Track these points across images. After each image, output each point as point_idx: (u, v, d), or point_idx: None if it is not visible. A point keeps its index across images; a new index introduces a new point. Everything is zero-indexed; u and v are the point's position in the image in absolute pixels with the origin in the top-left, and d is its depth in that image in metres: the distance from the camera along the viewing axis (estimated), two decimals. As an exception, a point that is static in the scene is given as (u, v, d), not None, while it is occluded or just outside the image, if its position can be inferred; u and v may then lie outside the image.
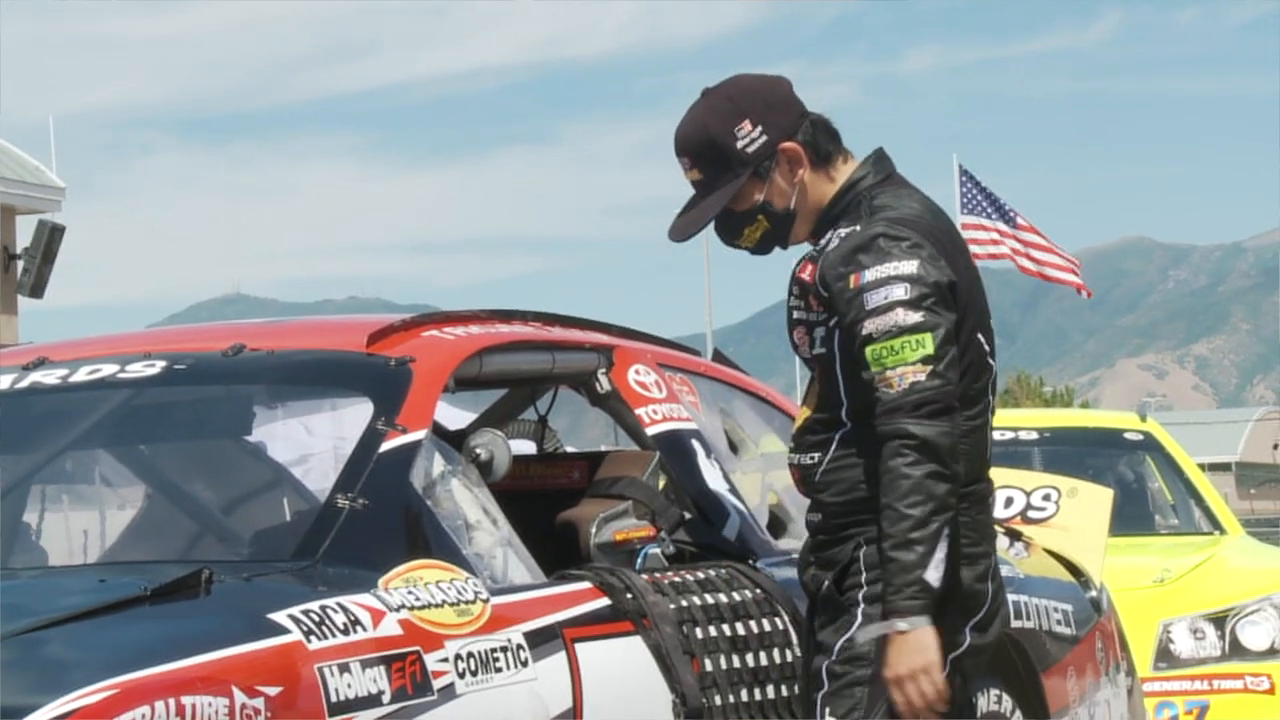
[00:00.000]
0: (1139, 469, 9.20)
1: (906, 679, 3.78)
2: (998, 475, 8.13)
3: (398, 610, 3.71)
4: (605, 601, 4.17)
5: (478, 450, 4.35)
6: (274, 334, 4.58)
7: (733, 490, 4.79)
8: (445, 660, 3.72)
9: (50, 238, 22.49)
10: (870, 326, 3.79)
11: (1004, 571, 5.46)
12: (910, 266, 3.80)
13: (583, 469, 4.88)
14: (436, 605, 3.78)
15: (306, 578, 3.75)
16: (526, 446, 5.22)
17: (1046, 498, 7.80)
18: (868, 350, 3.79)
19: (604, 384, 4.80)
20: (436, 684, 3.68)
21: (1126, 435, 9.00)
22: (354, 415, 4.18)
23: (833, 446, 3.94)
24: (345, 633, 3.57)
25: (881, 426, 3.79)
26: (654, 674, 4.15)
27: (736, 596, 4.41)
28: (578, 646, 4.02)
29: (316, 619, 3.55)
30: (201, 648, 3.36)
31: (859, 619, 3.88)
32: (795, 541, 5.01)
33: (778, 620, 4.45)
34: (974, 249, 33.30)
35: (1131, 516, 8.29)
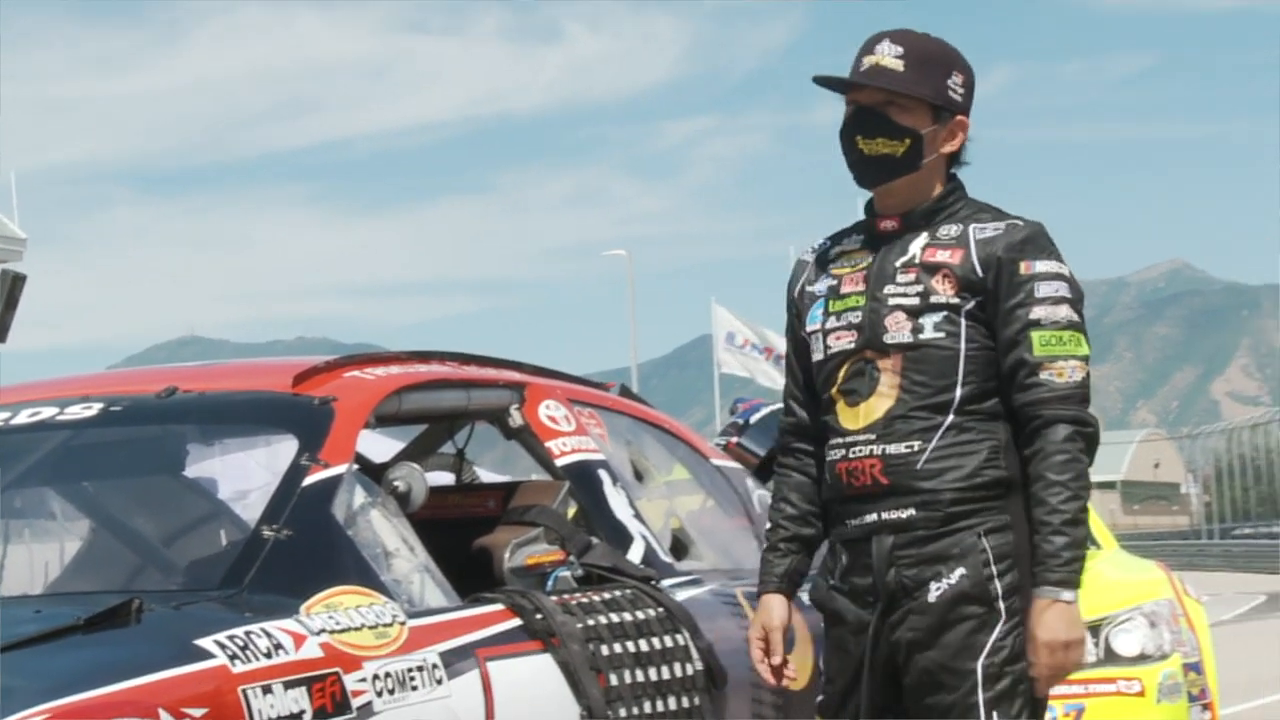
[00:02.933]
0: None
1: (1066, 646, 3.59)
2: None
3: (319, 634, 3.69)
4: (516, 622, 4.16)
5: (396, 482, 4.35)
6: (205, 376, 4.56)
7: (637, 516, 4.80)
8: (364, 680, 3.70)
9: (13, 286, 22.28)
10: (1040, 312, 3.63)
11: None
12: (1069, 271, 3.71)
13: (497, 498, 4.88)
14: (356, 628, 3.77)
15: (233, 605, 3.72)
16: (445, 478, 5.22)
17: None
18: (1035, 334, 3.62)
19: (517, 419, 4.81)
20: (356, 703, 3.65)
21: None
22: (280, 451, 4.16)
23: (938, 434, 3.65)
24: (268, 656, 3.55)
25: (1050, 410, 3.61)
26: (562, 689, 4.15)
27: (640, 615, 4.42)
28: (490, 665, 4.01)
29: (241, 644, 3.53)
30: (131, 673, 3.33)
31: (1003, 615, 3.63)
32: (696, 563, 5.03)
33: (679, 637, 4.46)
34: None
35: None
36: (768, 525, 3.93)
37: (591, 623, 4.28)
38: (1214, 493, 53.99)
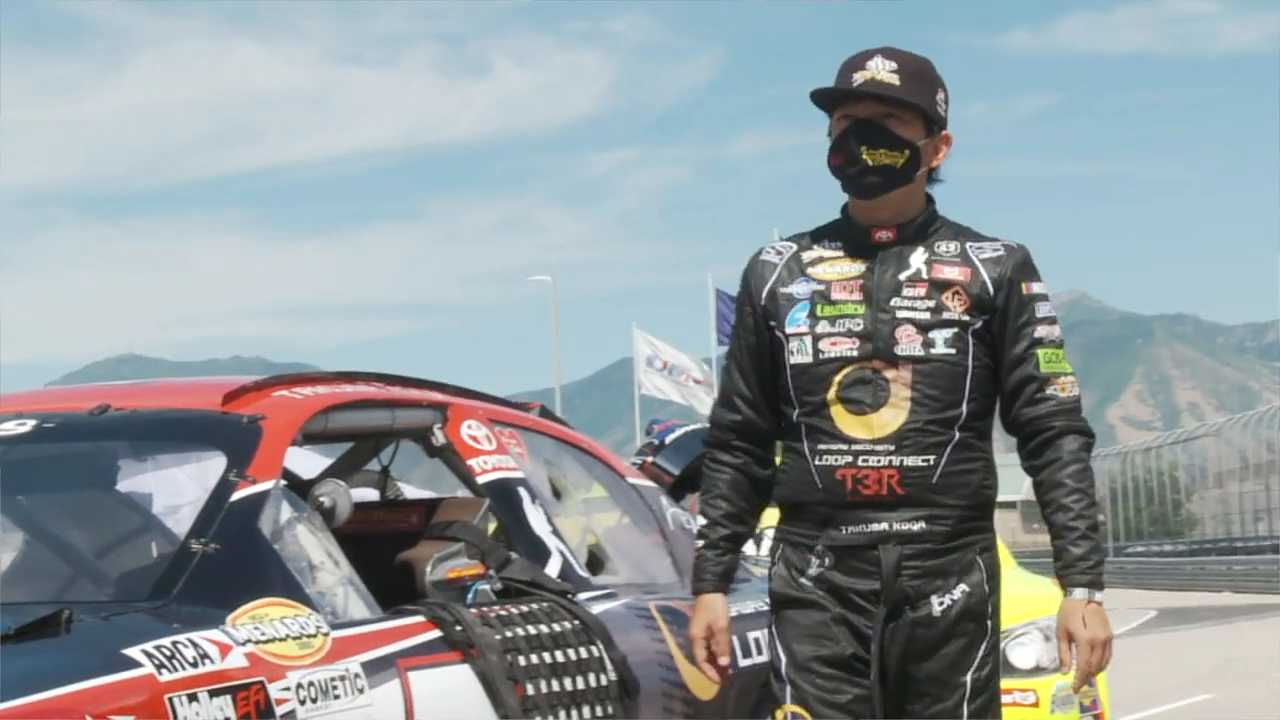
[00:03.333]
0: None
1: (1106, 644, 3.60)
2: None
3: (244, 644, 3.66)
4: (437, 633, 4.15)
5: (322, 498, 4.33)
6: (138, 395, 4.53)
7: (555, 532, 4.80)
8: (288, 689, 3.67)
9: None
10: (1043, 331, 3.65)
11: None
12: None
13: (420, 514, 4.87)
14: (280, 639, 3.74)
15: (161, 615, 3.69)
16: (370, 494, 5.20)
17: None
18: (1040, 352, 3.64)
19: (439, 438, 4.81)
20: (279, 710, 3.63)
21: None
22: (209, 467, 4.13)
23: (949, 448, 3.60)
24: (194, 665, 3.52)
25: (1061, 422, 3.63)
26: (480, 698, 4.13)
27: (557, 627, 4.42)
28: (410, 675, 3.99)
29: (168, 653, 3.50)
30: (59, 681, 3.29)
31: (988, 632, 3.65)
32: (611, 578, 5.03)
33: (593, 649, 4.46)
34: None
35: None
36: (702, 521, 3.82)
37: (509, 634, 4.27)
38: (1109, 513, 54.43)
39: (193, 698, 3.47)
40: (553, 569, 4.66)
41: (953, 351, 3.61)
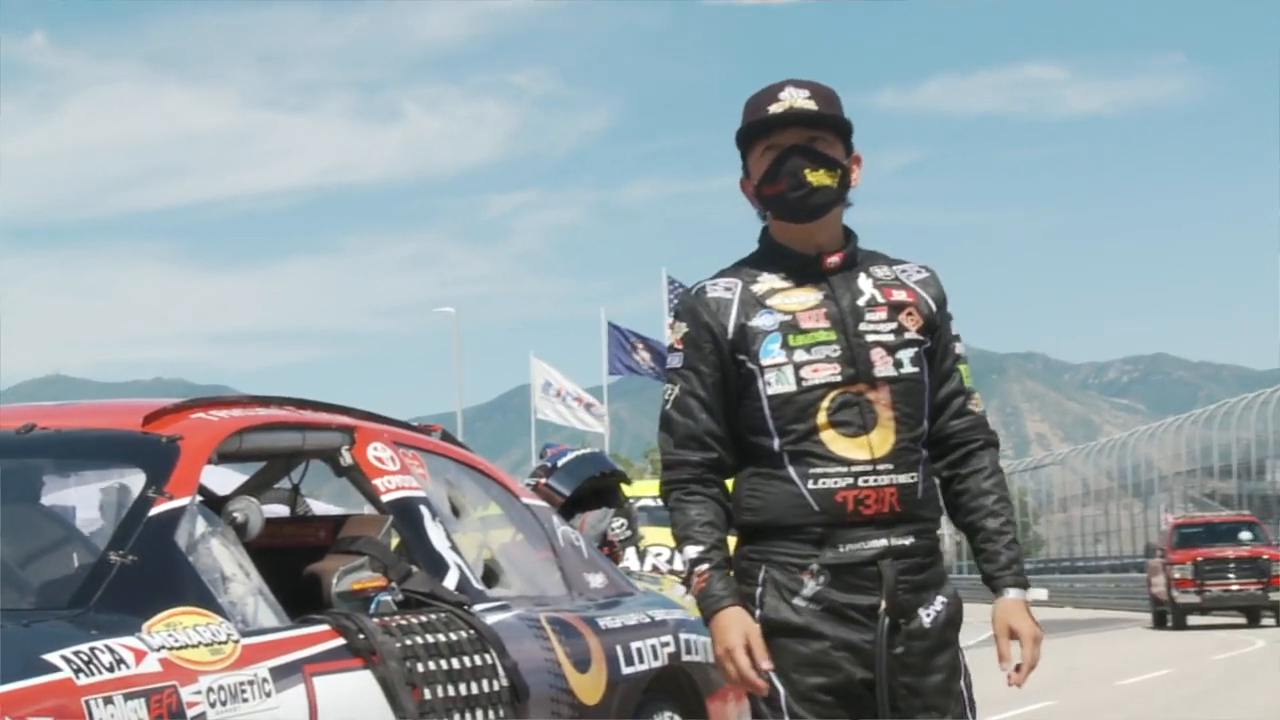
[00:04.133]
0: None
1: (1041, 639, 3.51)
2: (669, 534, 8.19)
3: (158, 650, 3.61)
4: (341, 641, 4.11)
5: (235, 513, 4.29)
6: (63, 415, 4.46)
7: (454, 548, 4.77)
8: (199, 693, 3.62)
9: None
10: (958, 348, 3.61)
11: (678, 615, 5.53)
12: None
13: (328, 529, 4.83)
14: (193, 645, 3.69)
15: (80, 623, 3.63)
16: (281, 510, 5.15)
17: (716, 553, 7.84)
18: (962, 368, 3.59)
19: (347, 458, 4.77)
20: (190, 713, 3.58)
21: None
22: (129, 484, 4.08)
23: (922, 464, 3.48)
24: (111, 670, 3.46)
25: (984, 435, 3.58)
26: (380, 702, 4.10)
27: (453, 636, 4.39)
28: (315, 679, 3.95)
29: (85, 658, 3.44)
30: (-20, 684, 3.23)
31: (958, 640, 3.56)
32: (505, 591, 5.01)
33: (487, 656, 4.44)
34: (677, 346, 33.77)
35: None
36: (700, 547, 3.46)
37: (409, 642, 4.24)
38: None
39: (108, 701, 3.41)
40: (451, 582, 4.63)
41: (916, 370, 3.51)
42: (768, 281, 3.53)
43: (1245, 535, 31.08)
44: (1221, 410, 49.15)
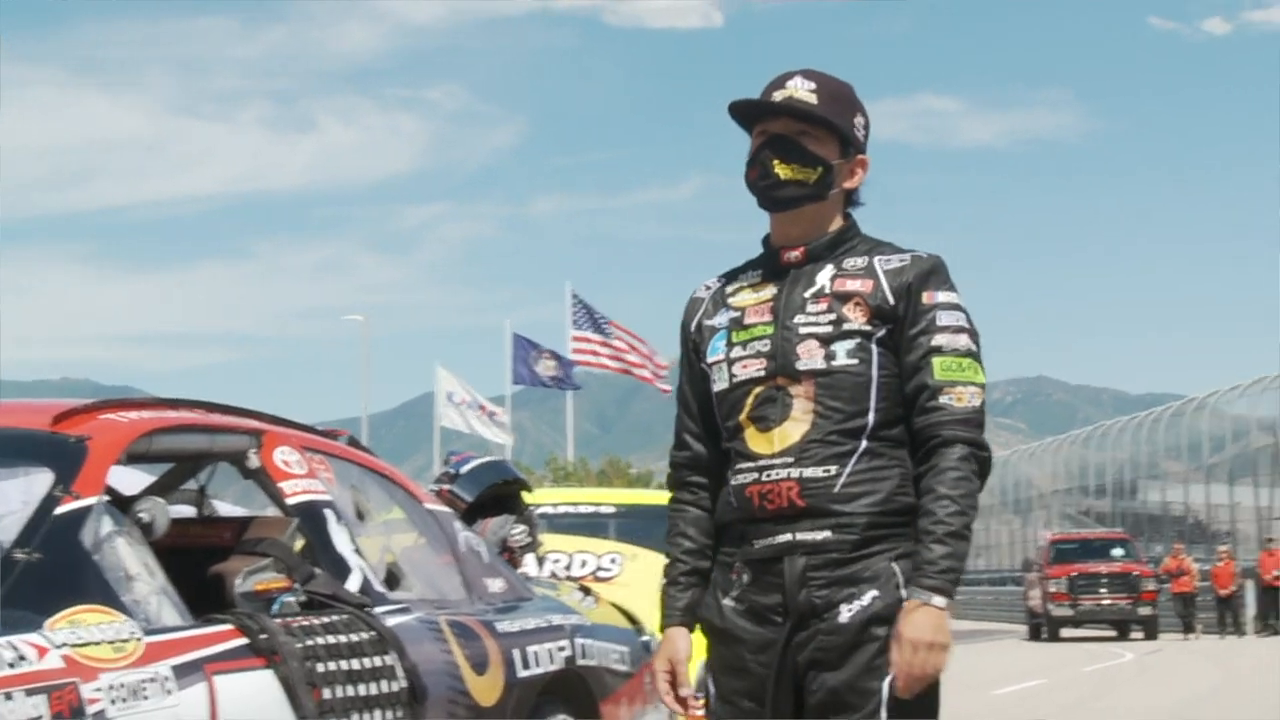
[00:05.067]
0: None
1: (930, 647, 3.14)
2: (576, 542, 8.20)
3: (60, 647, 3.53)
4: (243, 641, 4.06)
5: (141, 514, 4.21)
6: (-29, 412, 4.36)
7: (357, 551, 4.73)
8: (100, 690, 3.55)
9: None
10: (941, 340, 3.27)
11: (574, 620, 5.53)
12: (965, 305, 3.36)
13: (233, 530, 4.77)
14: (95, 643, 3.62)
15: (-17, 619, 3.55)
16: (187, 511, 5.08)
17: (613, 561, 7.86)
18: (936, 360, 3.26)
19: (254, 461, 4.72)
20: (90, 710, 3.51)
21: (680, 510, 9.13)
22: (36, 482, 3.99)
23: (853, 459, 3.24)
24: (12, 666, 3.39)
25: (949, 431, 3.23)
26: (281, 701, 4.05)
27: (354, 638, 4.35)
28: (216, 678, 3.89)
29: (-13, 654, 3.36)
30: (-119, 679, 3.15)
31: None
32: (407, 594, 4.97)
33: (387, 658, 4.40)
34: (583, 358, 33.79)
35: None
36: (666, 560, 3.45)
37: (310, 643, 4.19)
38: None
39: (8, 696, 3.34)
40: (353, 584, 4.59)
41: (855, 362, 3.27)
42: (744, 279, 3.46)
43: (1118, 552, 31.60)
44: (1098, 432, 49.91)
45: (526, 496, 6.99)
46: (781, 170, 3.35)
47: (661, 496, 10.90)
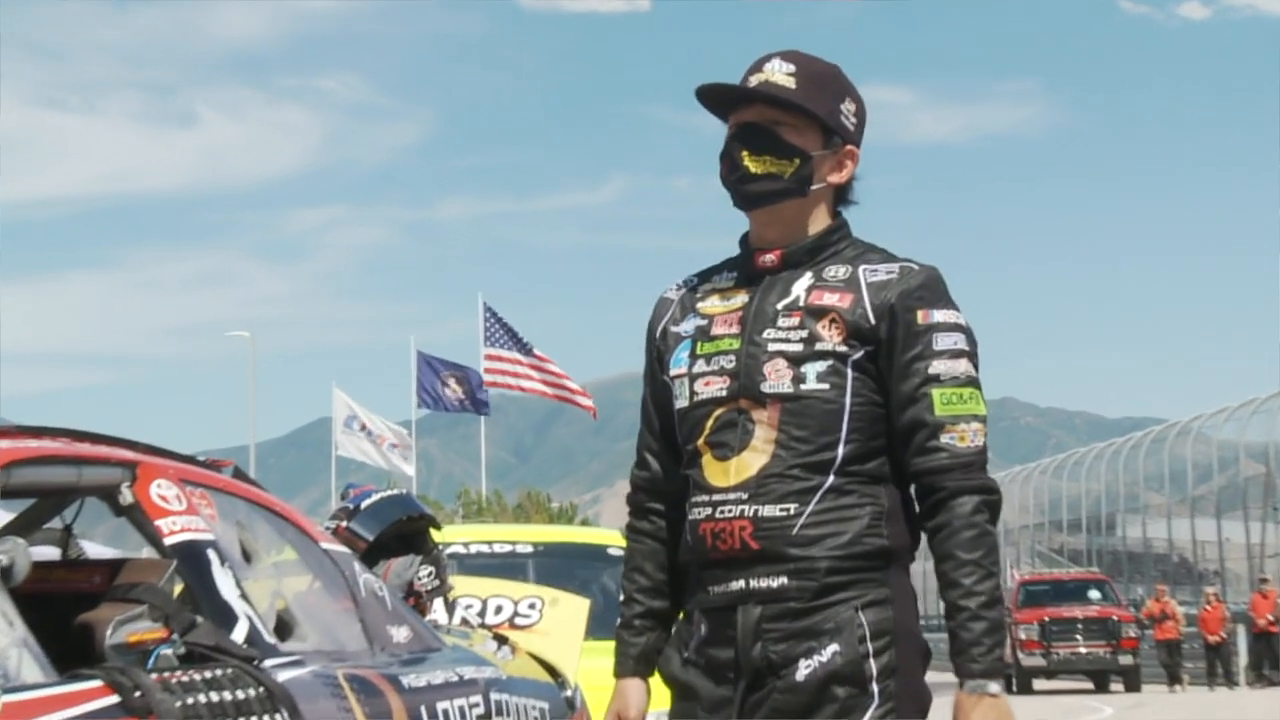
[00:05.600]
0: (620, 581, 9.35)
1: None
2: (490, 585, 8.22)
3: (-92, 708, 3.52)
4: (115, 699, 4.04)
5: (-1, 556, 4.20)
6: None
7: (244, 597, 4.73)
8: (-48, 755, 3.54)
9: None
10: (940, 367, 3.18)
11: (489, 673, 5.55)
12: (966, 321, 3.26)
13: (104, 574, 4.75)
14: (-53, 703, 3.61)
15: None
16: (51, 552, 5.06)
17: (532, 606, 7.89)
18: (935, 392, 3.17)
19: (127, 496, 4.71)
20: (-58, 778, 3.50)
21: (610, 550, 9.18)
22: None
23: (817, 495, 3.16)
24: None
25: (954, 481, 3.16)
26: (158, 767, 4.04)
27: (240, 694, 4.34)
28: (85, 742, 3.88)
29: None
30: None
31: (875, 699, 3.14)
32: (300, 645, 4.97)
33: (278, 716, 4.40)
34: (497, 379, 33.84)
35: (610, 623, 8.43)
36: (621, 598, 3.42)
37: (191, 701, 4.19)
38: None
39: None
40: (239, 634, 4.59)
41: (825, 387, 3.19)
42: (717, 280, 3.40)
43: (1094, 594, 31.91)
44: (1071, 460, 50.40)
45: (434, 534, 7.00)
46: (752, 163, 3.28)
47: (586, 533, 10.95)
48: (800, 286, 3.28)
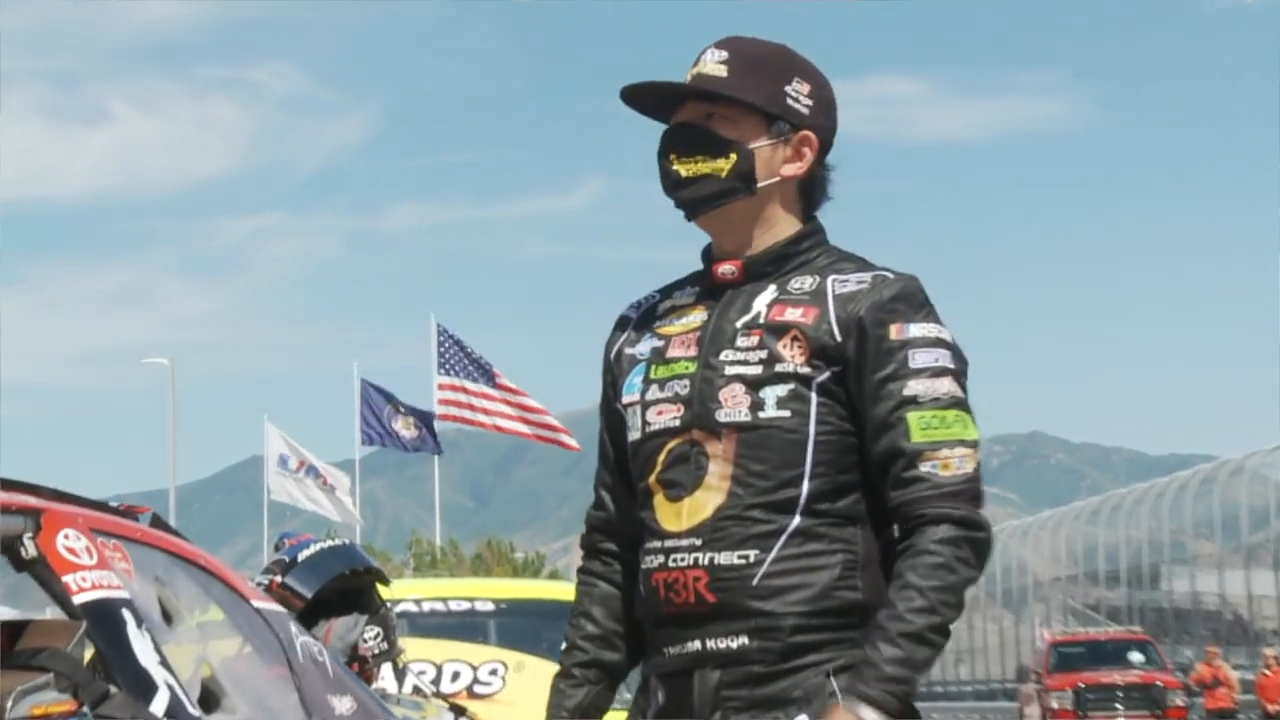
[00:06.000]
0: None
1: None
2: (447, 649, 8.21)
3: None
4: (16, 781, 4.05)
5: (-116, 618, 4.20)
6: None
7: (164, 663, 4.73)
8: None
9: None
10: (918, 387, 3.14)
11: (444, 749, 5.55)
12: (950, 336, 3.23)
13: (3, 638, 4.75)
14: None
15: None
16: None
17: (494, 672, 7.90)
18: (912, 415, 3.12)
19: (30, 549, 4.70)
20: None
21: (582, 608, 9.18)
22: None
23: (781, 539, 3.13)
24: None
25: (933, 508, 3.11)
26: None
27: (160, 775, 4.35)
28: (-19, 830, 3.88)
29: None
30: None
31: None
32: (228, 717, 4.98)
33: (203, 800, 4.41)
34: (452, 411, 33.80)
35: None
36: (563, 645, 3.41)
37: (102, 782, 4.19)
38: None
39: None
40: (159, 705, 4.59)
41: (786, 414, 3.16)
42: (677, 297, 3.42)
43: (1136, 657, 31.91)
44: (1109, 504, 50.46)
45: (382, 590, 7.01)
46: (681, 166, 3.29)
47: (554, 589, 10.95)
48: (762, 301, 3.27)
